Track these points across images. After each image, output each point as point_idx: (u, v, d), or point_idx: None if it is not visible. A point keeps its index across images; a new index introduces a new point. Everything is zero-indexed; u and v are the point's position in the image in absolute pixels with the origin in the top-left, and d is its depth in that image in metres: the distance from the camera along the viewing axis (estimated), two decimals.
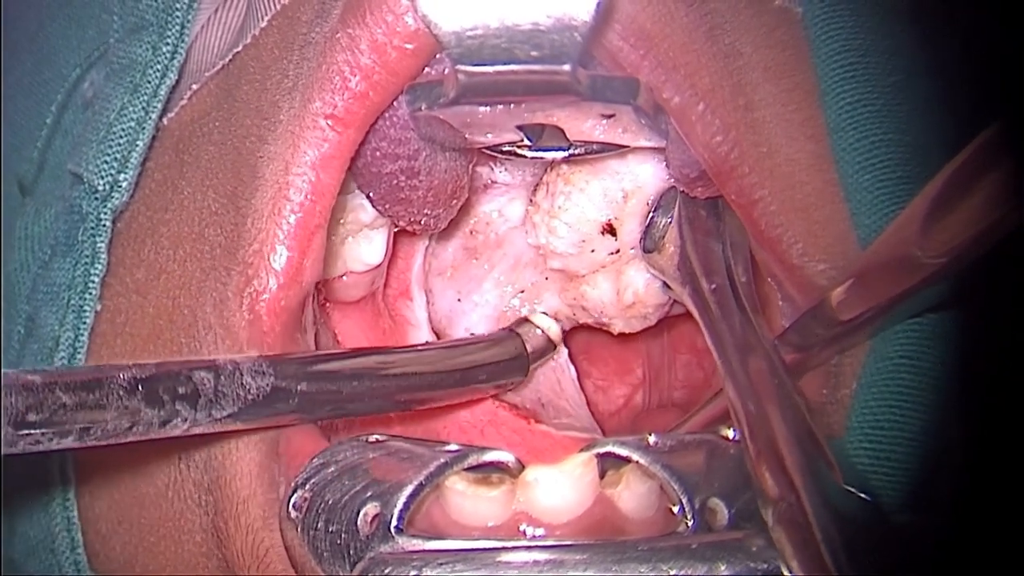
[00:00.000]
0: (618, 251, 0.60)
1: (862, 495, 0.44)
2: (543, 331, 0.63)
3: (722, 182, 0.51)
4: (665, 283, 0.60)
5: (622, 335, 0.64)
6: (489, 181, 0.64)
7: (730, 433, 0.48)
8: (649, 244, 0.59)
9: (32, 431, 0.38)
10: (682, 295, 0.56)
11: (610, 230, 0.59)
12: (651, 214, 0.59)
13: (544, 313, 0.64)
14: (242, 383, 0.45)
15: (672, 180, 0.56)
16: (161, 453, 0.52)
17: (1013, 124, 0.40)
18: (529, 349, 0.61)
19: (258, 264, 0.49)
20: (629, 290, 0.61)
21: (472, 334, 0.66)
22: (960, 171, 0.42)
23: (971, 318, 0.49)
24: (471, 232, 0.66)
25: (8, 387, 0.37)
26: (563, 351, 0.67)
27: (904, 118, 0.51)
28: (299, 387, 0.47)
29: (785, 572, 0.42)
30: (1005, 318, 0.49)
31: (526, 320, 0.64)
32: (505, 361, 0.59)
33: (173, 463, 0.52)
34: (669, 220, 0.58)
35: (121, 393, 0.40)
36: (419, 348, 0.57)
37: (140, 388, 0.41)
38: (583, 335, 0.71)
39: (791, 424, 0.45)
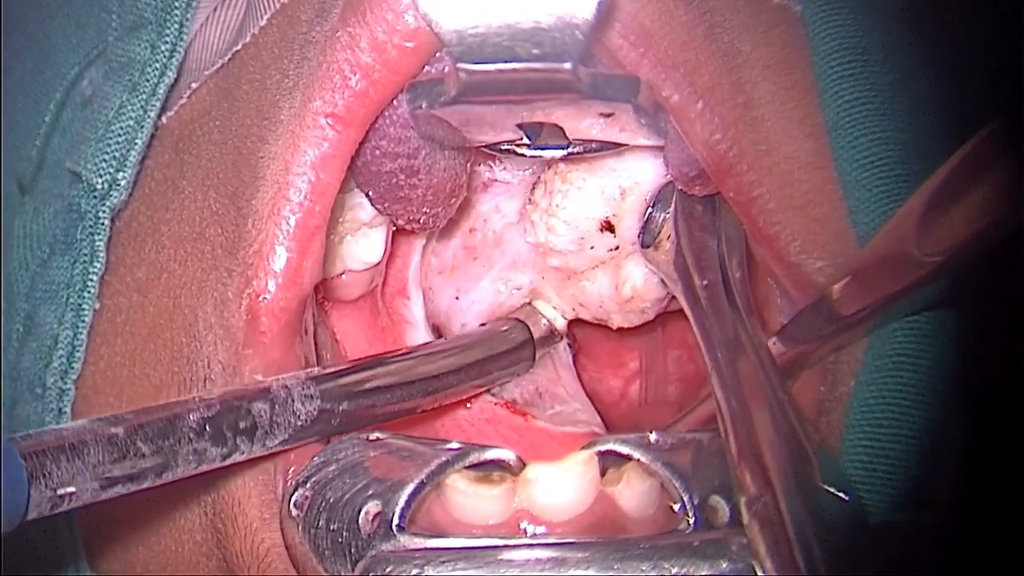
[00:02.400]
0: (617, 247, 0.60)
1: (841, 495, 0.44)
2: (548, 321, 0.64)
3: (720, 180, 0.51)
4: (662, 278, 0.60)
5: (619, 329, 0.64)
6: (488, 179, 0.64)
7: None
8: (647, 239, 0.59)
9: (116, 485, 0.39)
10: (675, 290, 0.56)
11: (608, 227, 0.59)
12: (649, 209, 0.59)
13: (547, 303, 0.65)
14: (293, 410, 0.46)
15: (670, 177, 0.56)
16: None
17: (1011, 123, 0.40)
18: (535, 338, 0.62)
19: (257, 265, 0.49)
20: (627, 284, 0.61)
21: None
22: (957, 170, 0.42)
23: (970, 316, 0.49)
24: (471, 231, 0.65)
25: (95, 441, 0.38)
26: (561, 343, 0.67)
27: (903, 116, 0.51)
28: (341, 407, 0.48)
29: (758, 571, 0.42)
30: (1004, 317, 0.49)
31: (531, 309, 0.64)
32: (514, 352, 0.61)
33: None
34: (667, 215, 0.58)
35: (191, 436, 0.41)
36: (436, 350, 0.57)
37: (207, 428, 0.42)
38: (579, 329, 0.71)
39: (773, 423, 0.45)
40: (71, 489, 0.37)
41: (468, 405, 0.62)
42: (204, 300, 0.51)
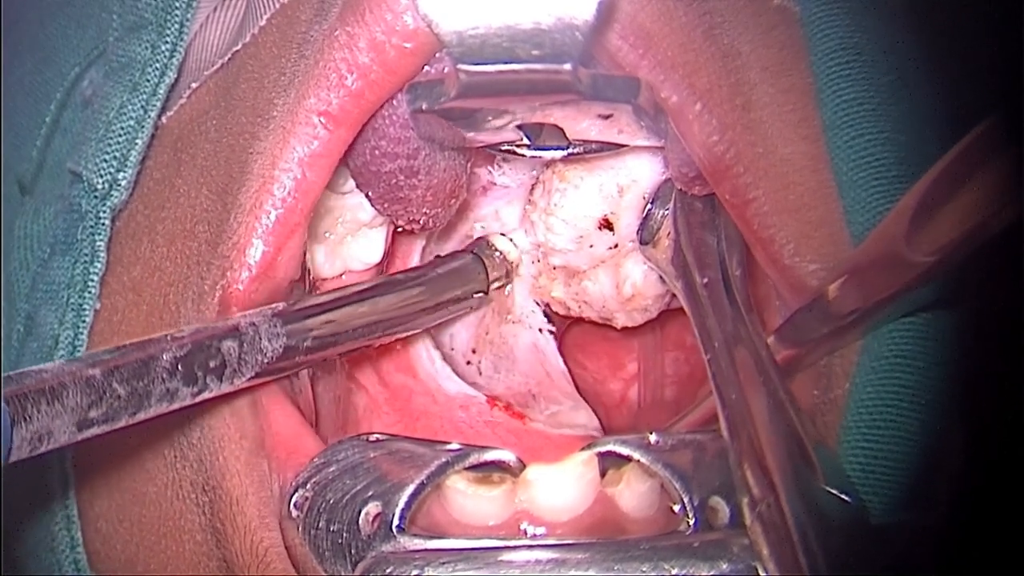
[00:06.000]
0: (616, 245, 0.60)
1: (843, 496, 0.44)
2: (502, 252, 0.64)
3: (716, 182, 0.51)
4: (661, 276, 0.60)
5: (619, 330, 0.65)
6: (488, 183, 0.64)
7: None
8: (646, 236, 0.59)
9: (92, 426, 0.39)
10: (675, 288, 0.56)
11: (607, 225, 0.60)
12: (648, 207, 0.59)
13: (503, 235, 0.65)
14: (260, 348, 0.46)
15: (670, 177, 0.56)
16: (157, 452, 0.52)
17: (1006, 122, 0.40)
18: (490, 273, 0.63)
19: (234, 257, 0.49)
20: (627, 282, 0.61)
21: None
22: (947, 170, 0.42)
23: (965, 316, 0.49)
24: (468, 235, 0.66)
25: (74, 384, 0.38)
26: (550, 346, 0.67)
27: (899, 116, 0.51)
28: (305, 344, 0.48)
29: (760, 572, 0.42)
30: (999, 316, 0.49)
31: (486, 242, 0.64)
32: (469, 289, 0.62)
33: (170, 462, 0.52)
34: (666, 212, 0.58)
35: (164, 376, 0.42)
36: (396, 283, 0.57)
37: (179, 368, 0.42)
38: (579, 330, 0.71)
39: (775, 423, 0.45)
40: (50, 431, 0.37)
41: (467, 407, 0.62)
42: (187, 296, 0.51)
